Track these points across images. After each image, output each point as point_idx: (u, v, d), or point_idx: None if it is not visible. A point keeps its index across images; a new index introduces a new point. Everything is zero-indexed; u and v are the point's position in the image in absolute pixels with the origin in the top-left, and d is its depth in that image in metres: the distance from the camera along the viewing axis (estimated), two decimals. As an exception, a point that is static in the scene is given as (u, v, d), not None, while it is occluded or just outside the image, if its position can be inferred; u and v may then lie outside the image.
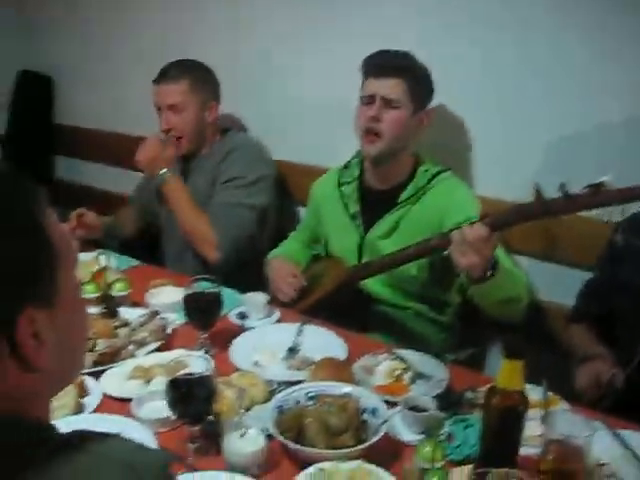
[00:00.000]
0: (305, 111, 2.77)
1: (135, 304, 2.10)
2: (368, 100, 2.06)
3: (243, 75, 2.91)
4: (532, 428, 1.41)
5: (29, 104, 3.83)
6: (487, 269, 1.64)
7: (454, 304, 2.22)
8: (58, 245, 0.76)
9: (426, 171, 2.12)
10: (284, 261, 2.29)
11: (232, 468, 1.37)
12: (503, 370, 1.28)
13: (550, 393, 1.60)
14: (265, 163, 2.57)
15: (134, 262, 2.44)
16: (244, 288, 2.13)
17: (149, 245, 2.40)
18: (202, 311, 1.82)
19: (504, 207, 2.16)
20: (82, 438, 0.75)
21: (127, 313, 2.00)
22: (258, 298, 2.06)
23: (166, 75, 2.46)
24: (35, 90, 3.81)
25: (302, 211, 2.74)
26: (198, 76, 2.49)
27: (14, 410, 0.73)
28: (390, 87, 2.03)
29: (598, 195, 1.44)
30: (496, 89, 2.29)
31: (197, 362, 1.45)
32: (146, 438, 1.43)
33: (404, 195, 2.11)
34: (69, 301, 0.78)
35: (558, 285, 2.23)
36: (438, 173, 2.12)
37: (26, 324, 0.72)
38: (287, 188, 2.80)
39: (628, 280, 1.84)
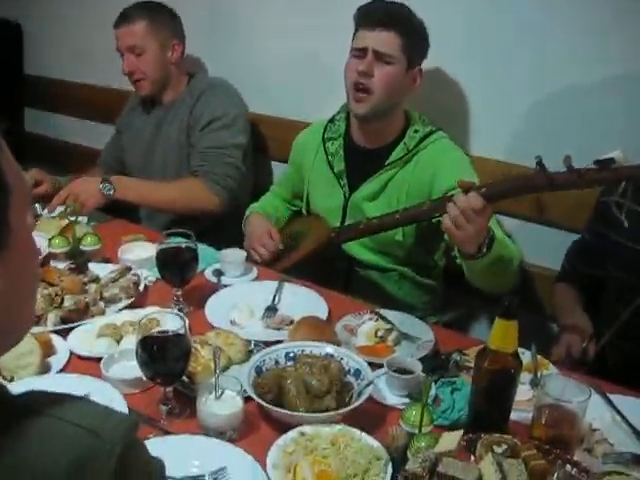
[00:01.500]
0: (280, 62, 2.65)
1: (106, 260, 2.00)
2: (359, 53, 1.92)
3: (214, 23, 2.79)
4: (522, 392, 1.36)
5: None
6: (482, 244, 1.56)
7: (439, 267, 2.15)
8: (12, 182, 0.67)
9: (416, 132, 2.00)
10: (262, 219, 2.19)
11: (207, 432, 1.30)
12: (496, 330, 1.22)
13: (539, 356, 1.56)
14: (238, 101, 2.50)
15: (105, 217, 2.33)
16: (220, 244, 2.04)
17: (121, 204, 2.30)
18: (177, 267, 1.73)
19: (493, 167, 2.16)
20: (41, 401, 0.68)
21: (97, 268, 1.90)
22: (235, 254, 1.97)
23: (124, 18, 2.40)
24: (4, 38, 3.63)
25: (278, 166, 2.66)
26: (156, 16, 2.42)
27: None
28: (384, 40, 1.89)
29: (607, 172, 1.34)
30: (484, 47, 2.19)
31: (171, 320, 1.37)
32: (116, 400, 1.35)
33: (393, 156, 1.99)
34: (21, 245, 0.70)
35: (547, 248, 2.16)
36: (429, 134, 2.00)
37: None
38: (262, 141, 2.69)
39: (619, 243, 1.78)
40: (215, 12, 2.78)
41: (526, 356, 1.49)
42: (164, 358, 1.30)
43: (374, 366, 1.48)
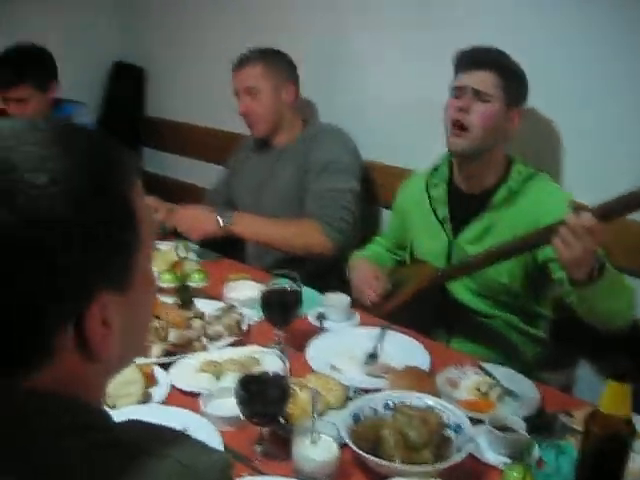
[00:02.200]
0: (392, 110, 2.67)
1: (212, 297, 2.04)
2: (458, 92, 1.96)
3: (328, 70, 2.85)
4: (637, 461, 1.27)
5: (122, 96, 3.86)
6: (593, 270, 1.52)
7: (547, 318, 2.07)
8: (142, 222, 0.69)
9: (519, 173, 1.98)
10: (368, 263, 2.20)
11: (301, 475, 1.28)
12: (608, 393, 1.15)
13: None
14: (353, 147, 2.52)
15: (214, 255, 2.39)
16: (325, 289, 2.05)
17: (229, 242, 2.35)
18: (280, 308, 1.74)
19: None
20: (145, 437, 0.69)
21: (203, 305, 1.94)
22: (339, 299, 1.97)
23: (241, 61, 2.50)
24: (128, 82, 3.83)
25: (386, 214, 2.65)
26: (271, 59, 2.50)
27: (65, 393, 0.66)
28: (481, 79, 1.92)
29: None
30: (586, 90, 2.15)
31: (271, 360, 1.38)
32: (212, 436, 1.36)
33: (496, 198, 1.97)
34: (141, 283, 0.71)
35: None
36: (533, 175, 1.98)
37: (98, 311, 0.65)
38: (371, 189, 2.70)
39: None
40: (332, 60, 2.84)
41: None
42: (262, 398, 1.30)
43: (475, 422, 1.43)
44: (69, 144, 0.66)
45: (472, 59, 1.96)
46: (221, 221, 2.22)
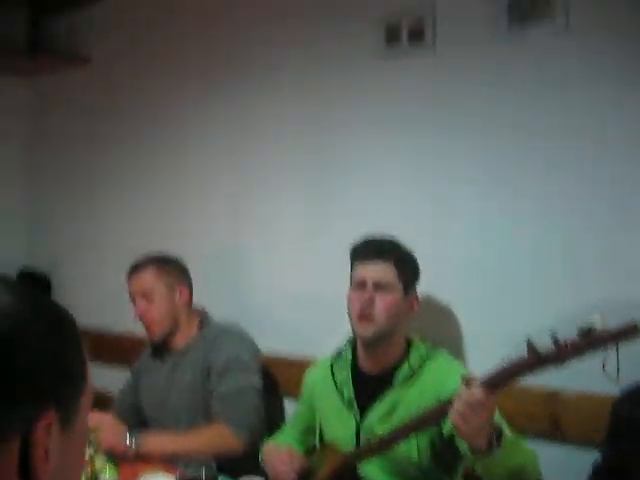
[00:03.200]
0: (290, 303, 2.81)
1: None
2: (359, 285, 2.09)
3: (227, 269, 3.00)
4: None
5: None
6: (492, 438, 1.58)
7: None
8: (88, 375, 0.77)
9: (418, 351, 2.11)
10: (279, 446, 2.20)
11: None
12: None
13: None
14: (251, 344, 2.58)
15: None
16: (241, 472, 2.05)
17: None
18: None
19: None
20: None
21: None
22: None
23: (135, 266, 2.59)
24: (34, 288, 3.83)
25: (289, 405, 2.69)
26: (162, 263, 2.59)
27: None
28: (380, 271, 2.07)
29: (589, 338, 1.44)
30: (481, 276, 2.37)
31: None
32: None
33: (399, 376, 2.06)
34: (79, 431, 0.76)
35: (566, 468, 2.13)
36: (431, 353, 2.11)
37: (44, 430, 0.69)
38: (272, 381, 2.73)
39: (634, 456, 1.77)
40: (231, 260, 3.00)
41: None
42: None
43: None
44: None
45: (369, 251, 2.10)
46: (129, 442, 2.22)
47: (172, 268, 2.61)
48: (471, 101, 2.41)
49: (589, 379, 2.10)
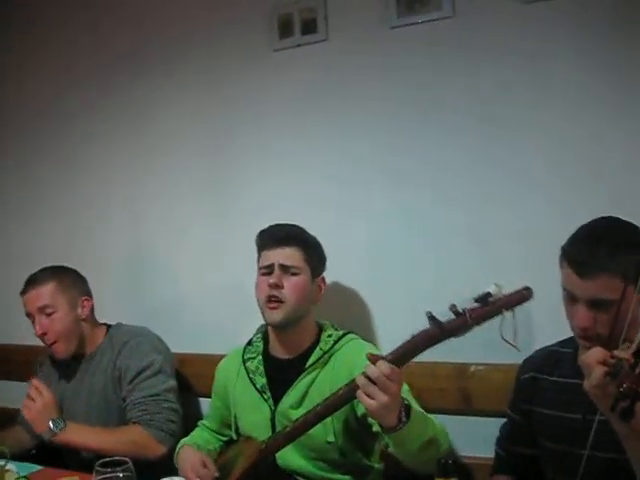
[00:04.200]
0: (197, 299, 2.79)
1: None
2: (267, 270, 2.10)
3: (131, 272, 2.94)
4: None
5: None
6: (400, 413, 1.60)
7: (378, 471, 2.13)
8: None
9: (330, 336, 2.13)
10: (193, 451, 2.15)
11: None
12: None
13: None
14: (162, 346, 2.54)
15: (36, 467, 2.23)
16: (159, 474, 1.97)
17: (51, 453, 2.23)
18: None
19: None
20: None
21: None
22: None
23: (32, 281, 2.47)
24: None
25: (204, 403, 2.66)
26: (62, 276, 2.50)
27: None
28: (287, 255, 2.09)
29: (487, 306, 1.48)
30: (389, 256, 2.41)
31: None
32: None
33: (311, 360, 2.08)
34: None
35: (478, 438, 2.18)
36: (343, 336, 2.13)
37: None
38: (186, 380, 2.72)
39: (543, 414, 1.84)
40: (134, 261, 2.95)
41: None
42: None
43: None
44: None
45: (274, 237, 2.13)
46: (52, 426, 2.18)
47: (72, 280, 2.53)
48: (364, 85, 2.46)
49: (495, 351, 2.18)
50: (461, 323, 1.51)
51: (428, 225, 2.35)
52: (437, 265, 2.33)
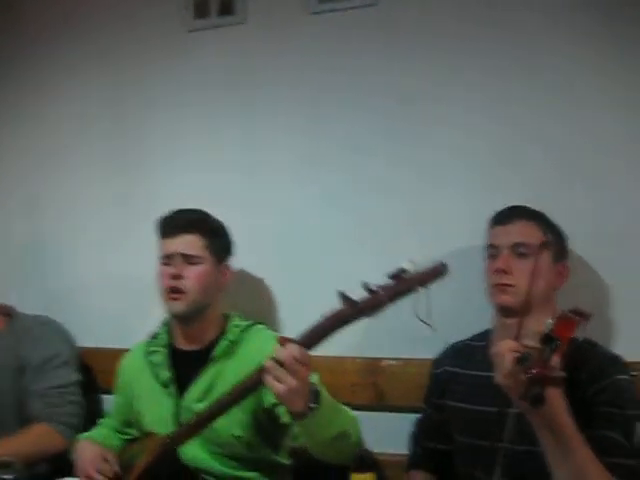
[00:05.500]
0: (100, 291, 2.67)
1: None
2: (167, 260, 2.01)
3: (29, 258, 2.79)
4: None
5: None
6: (309, 400, 1.52)
7: (287, 468, 2.05)
8: None
9: (237, 326, 2.04)
10: (92, 444, 2.01)
11: None
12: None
13: None
14: (68, 337, 2.44)
15: None
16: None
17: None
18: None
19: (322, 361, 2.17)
20: None
21: None
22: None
23: None
24: None
25: (107, 400, 2.53)
26: None
27: None
28: (188, 243, 2.00)
29: (401, 282, 1.41)
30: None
31: None
32: None
33: (217, 351, 1.98)
34: None
35: (390, 434, 2.12)
36: (250, 326, 2.05)
37: None
38: (90, 377, 2.57)
39: (456, 408, 1.83)
40: (32, 248, 2.79)
41: None
42: None
43: None
44: None
45: (176, 224, 2.03)
46: None
47: None
48: (280, 69, 2.41)
49: (408, 345, 2.15)
50: (374, 300, 1.43)
51: (347, 211, 2.32)
52: (352, 253, 2.29)
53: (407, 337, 2.11)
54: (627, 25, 2.00)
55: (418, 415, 1.98)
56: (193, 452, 1.93)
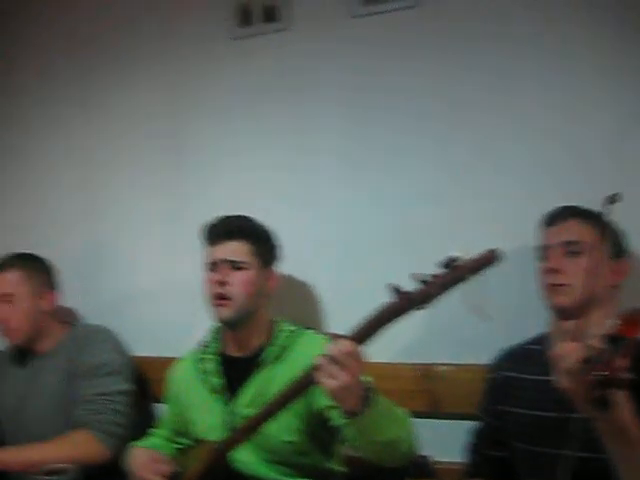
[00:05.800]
0: (154, 300, 2.68)
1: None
2: (212, 267, 2.01)
3: (87, 271, 2.81)
4: None
5: None
6: (362, 397, 1.48)
7: (341, 475, 2.01)
8: None
9: (284, 331, 2.02)
10: (145, 449, 2.01)
11: None
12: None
13: None
14: (122, 348, 2.43)
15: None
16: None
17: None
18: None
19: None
20: None
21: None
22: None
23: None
24: None
25: (160, 409, 2.49)
26: (30, 264, 2.41)
27: None
28: (233, 249, 1.99)
29: (454, 270, 1.36)
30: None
31: None
32: None
33: (265, 356, 1.97)
34: None
35: (445, 442, 2.06)
36: (298, 331, 2.03)
37: None
38: (144, 386, 2.58)
39: (518, 414, 1.77)
40: (91, 262, 2.83)
41: None
42: None
43: None
44: None
45: (221, 231, 2.02)
46: None
47: (38, 271, 2.43)
48: (327, 75, 2.40)
49: (462, 351, 2.11)
50: (426, 290, 1.39)
51: (394, 214, 2.30)
52: (398, 255, 2.26)
53: (460, 342, 2.08)
54: None
55: (473, 422, 1.93)
56: (245, 458, 1.92)
